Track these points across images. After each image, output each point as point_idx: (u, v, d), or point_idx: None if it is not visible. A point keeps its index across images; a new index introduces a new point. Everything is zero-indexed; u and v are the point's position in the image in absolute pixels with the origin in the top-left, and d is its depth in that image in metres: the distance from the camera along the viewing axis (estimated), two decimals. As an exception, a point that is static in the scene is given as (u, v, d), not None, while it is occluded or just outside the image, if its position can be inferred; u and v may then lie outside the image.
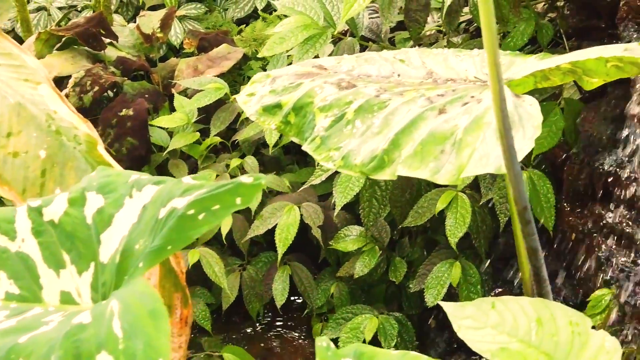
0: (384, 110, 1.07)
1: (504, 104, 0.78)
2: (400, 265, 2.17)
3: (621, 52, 1.05)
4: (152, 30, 2.79)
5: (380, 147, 1.03)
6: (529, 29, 1.95)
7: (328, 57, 1.29)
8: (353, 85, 1.14)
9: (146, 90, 2.67)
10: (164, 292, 1.22)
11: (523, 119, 0.96)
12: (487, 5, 0.71)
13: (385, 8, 1.78)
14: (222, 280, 2.21)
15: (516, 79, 1.07)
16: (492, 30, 0.72)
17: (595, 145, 1.85)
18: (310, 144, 1.11)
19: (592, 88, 1.14)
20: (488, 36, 0.72)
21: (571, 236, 1.98)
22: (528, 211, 0.82)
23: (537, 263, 0.85)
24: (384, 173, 1.02)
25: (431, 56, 1.18)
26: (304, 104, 1.15)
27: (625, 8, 1.76)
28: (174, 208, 0.78)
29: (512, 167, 0.80)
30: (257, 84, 1.26)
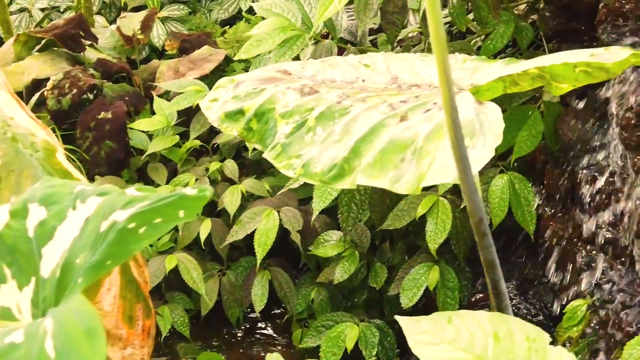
0: (346, 117, 1.04)
1: (455, 113, 0.75)
2: (381, 271, 2.14)
3: (587, 57, 1.02)
4: (132, 32, 2.76)
5: (340, 155, 1.00)
6: (509, 31, 1.92)
7: (293, 61, 1.26)
8: (316, 91, 1.11)
9: (126, 92, 2.64)
10: (125, 303, 1.19)
11: (484, 127, 0.93)
12: (435, 12, 0.68)
13: (361, 10, 1.75)
14: (200, 286, 2.18)
15: (480, 85, 1.04)
16: (441, 37, 0.69)
17: (575, 149, 1.83)
18: (271, 152, 1.08)
19: (561, 93, 1.11)
20: (437, 44, 0.69)
21: (552, 241, 1.96)
22: (484, 223, 0.79)
23: (495, 276, 0.82)
24: (344, 182, 0.99)
25: (396, 61, 1.16)
26: (265, 110, 1.12)
27: (604, 10, 1.74)
28: (115, 221, 0.75)
29: (466, 179, 0.77)
30: (221, 89, 1.23)
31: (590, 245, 1.82)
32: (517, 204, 1.93)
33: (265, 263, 2.30)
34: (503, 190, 1.93)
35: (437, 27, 0.68)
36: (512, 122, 1.89)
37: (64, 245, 0.80)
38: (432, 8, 0.67)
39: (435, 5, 0.67)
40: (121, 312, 1.20)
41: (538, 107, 1.89)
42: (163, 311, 2.21)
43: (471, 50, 1.99)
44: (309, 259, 2.28)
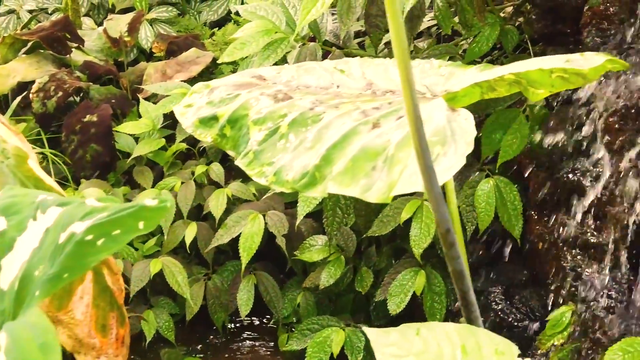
0: (318, 124, 1.02)
1: (419, 123, 0.73)
2: (367, 275, 2.13)
3: (562, 63, 1.01)
4: (119, 34, 2.74)
5: (311, 163, 0.98)
6: (494, 34, 1.91)
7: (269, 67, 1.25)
8: (289, 97, 1.09)
9: (113, 95, 2.62)
10: (98, 311, 1.17)
11: (456, 134, 0.92)
12: (396, 19, 0.66)
13: (344, 13, 1.74)
14: (185, 290, 2.16)
15: (456, 91, 1.03)
16: (402, 44, 0.67)
17: (560, 153, 1.81)
18: (243, 159, 1.06)
19: (538, 99, 1.10)
20: (399, 51, 0.68)
21: (538, 245, 1.95)
22: (451, 234, 0.78)
23: (464, 287, 0.80)
24: (315, 190, 0.98)
25: (372, 66, 1.14)
26: (239, 117, 1.11)
27: (588, 14, 1.73)
28: (73, 233, 0.74)
29: (431, 188, 0.76)
30: (196, 94, 1.22)
31: (575, 250, 1.80)
32: (503, 208, 1.92)
33: (251, 267, 2.29)
34: (489, 195, 1.91)
35: (399, 34, 0.67)
36: (497, 126, 1.88)
37: (24, 256, 0.78)
38: (392, 12, 0.65)
39: (395, 10, 0.66)
40: (94, 321, 1.18)
41: (523, 110, 1.88)
42: (148, 316, 2.20)
43: (457, 53, 1.98)
44: (295, 263, 2.27)
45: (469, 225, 1.96)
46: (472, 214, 1.96)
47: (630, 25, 1.66)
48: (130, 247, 2.35)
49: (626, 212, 1.64)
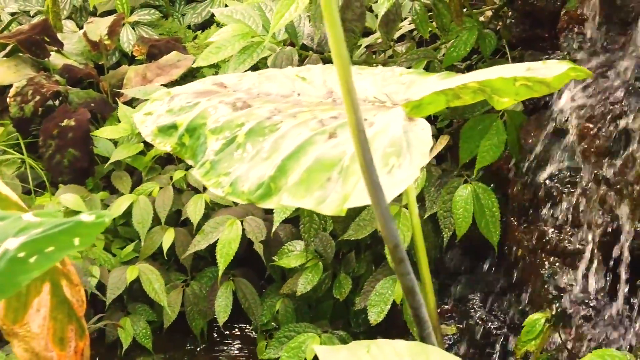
0: (275, 134, 1.00)
1: (363, 136, 0.71)
2: (345, 282, 2.11)
3: (523, 71, 0.98)
4: (99, 37, 2.71)
5: (267, 174, 0.96)
6: (472, 39, 1.89)
7: (231, 74, 1.22)
8: (248, 105, 1.07)
9: (92, 99, 2.59)
10: (56, 324, 1.15)
11: (412, 145, 0.89)
12: (335, 28, 0.64)
13: (317, 17, 1.71)
14: (162, 297, 2.13)
15: (415, 100, 1.00)
16: (343, 57, 0.65)
17: (537, 159, 1.79)
18: (200, 169, 1.04)
19: (503, 107, 1.08)
20: (339, 64, 0.65)
21: (517, 252, 1.93)
22: (400, 250, 0.75)
23: (415, 304, 0.78)
24: (270, 201, 0.95)
25: (334, 74, 1.12)
26: (197, 125, 1.08)
27: (565, 18, 1.71)
28: (6, 250, 0.71)
29: (378, 203, 0.73)
30: (157, 102, 1.19)
31: (553, 257, 1.78)
32: (481, 214, 1.89)
33: (230, 273, 2.26)
34: (467, 201, 1.89)
35: (338, 45, 0.64)
36: (474, 132, 1.86)
37: (-42, 273, 0.76)
38: (330, 21, 0.63)
39: (333, 16, 0.63)
40: (51, 334, 1.16)
41: (501, 116, 1.86)
42: (125, 323, 2.17)
43: (435, 58, 1.95)
44: (274, 269, 2.24)
45: (446, 231, 1.94)
46: (450, 220, 1.93)
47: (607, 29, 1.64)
48: (108, 253, 2.32)
49: (603, 219, 1.62)
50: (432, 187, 1.99)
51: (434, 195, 1.99)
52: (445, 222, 1.95)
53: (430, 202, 1.99)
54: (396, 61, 2.02)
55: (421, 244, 1.05)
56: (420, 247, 1.05)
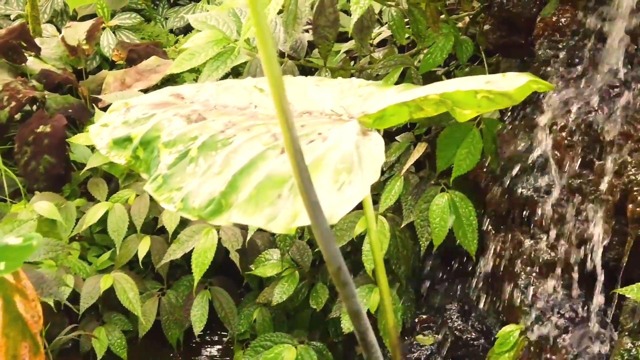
0: (228, 148, 0.97)
1: (299, 156, 0.68)
2: (322, 291, 2.08)
3: (482, 84, 0.96)
4: (77, 42, 2.68)
5: (217, 190, 0.93)
6: (448, 45, 1.86)
7: (190, 84, 1.19)
8: (203, 118, 1.04)
9: (70, 104, 2.56)
10: (8, 341, 1.11)
11: (363, 162, 0.87)
12: (267, 49, 0.61)
13: (290, 24, 1.68)
14: (136, 307, 2.10)
15: (372, 113, 0.97)
16: (276, 74, 0.62)
17: (513, 167, 1.76)
18: (152, 183, 1.00)
19: (465, 120, 1.05)
20: (272, 82, 0.62)
21: (495, 261, 1.90)
22: (343, 272, 0.72)
23: (361, 327, 0.75)
24: (221, 218, 0.92)
25: (292, 85, 1.09)
26: (151, 138, 1.05)
27: (541, 25, 1.68)
28: None
29: (318, 225, 0.70)
30: (115, 112, 1.16)
31: (530, 267, 1.76)
32: (458, 223, 1.87)
33: (207, 282, 2.23)
34: (444, 210, 1.86)
35: (270, 63, 0.61)
36: (451, 140, 1.83)
37: None
38: (261, 37, 0.60)
39: (265, 35, 0.60)
40: (3, 352, 1.12)
41: (478, 124, 1.83)
42: (99, 333, 2.14)
43: (411, 64, 1.92)
44: (251, 278, 2.21)
45: (423, 240, 1.91)
46: (427, 229, 1.91)
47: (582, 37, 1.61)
48: (84, 261, 2.29)
49: (578, 230, 1.59)
50: (409, 195, 1.97)
51: (411, 204, 1.96)
52: (422, 231, 1.92)
53: (407, 210, 1.96)
54: (373, 67, 1.99)
55: (380, 264, 1.02)
56: (379, 262, 1.02)
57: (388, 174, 2.10)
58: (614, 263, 1.57)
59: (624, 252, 1.50)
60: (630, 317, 1.52)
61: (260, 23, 0.60)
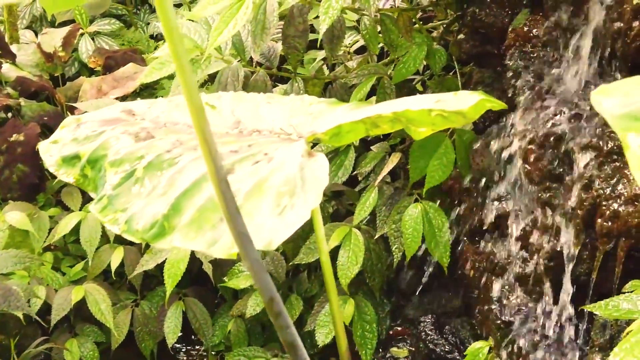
0: (173, 168, 0.94)
1: (224, 185, 0.66)
2: (297, 303, 2.05)
3: (432, 103, 0.93)
4: (54, 49, 2.65)
5: (161, 212, 0.90)
6: (421, 54, 1.84)
7: (142, 100, 1.17)
8: (152, 136, 1.02)
9: (46, 112, 2.53)
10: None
11: (306, 184, 0.84)
12: (185, 74, 0.59)
13: (258, 34, 1.66)
14: (108, 318, 2.07)
15: (319, 133, 0.95)
16: (196, 102, 0.60)
17: (486, 179, 1.74)
18: (97, 204, 0.98)
19: (421, 137, 1.03)
20: (192, 109, 0.60)
21: (470, 273, 1.88)
22: (276, 303, 0.70)
23: (298, 359, 0.73)
24: (164, 241, 0.90)
25: (243, 102, 1.06)
26: (98, 157, 1.03)
27: (512, 35, 1.66)
28: None
29: (247, 256, 0.68)
30: (66, 129, 1.14)
31: (502, 280, 1.73)
32: (431, 234, 1.85)
33: (181, 293, 2.20)
34: (417, 221, 1.84)
35: (190, 89, 0.59)
36: (423, 151, 1.81)
37: None
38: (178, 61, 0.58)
39: (181, 55, 0.58)
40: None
41: (450, 135, 1.81)
42: (71, 345, 2.11)
43: (385, 73, 1.90)
44: (225, 289, 2.19)
45: (396, 252, 1.89)
46: (400, 240, 1.88)
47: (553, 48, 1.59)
48: (58, 271, 2.26)
49: (548, 243, 1.57)
50: (383, 206, 1.95)
51: (385, 215, 1.94)
52: (396, 242, 1.90)
53: (381, 221, 1.94)
54: (347, 77, 1.97)
55: (332, 286, 0.99)
56: (332, 288, 0.99)
57: (363, 184, 2.08)
58: (585, 277, 1.55)
59: (594, 267, 1.48)
60: (601, 332, 1.50)
61: (178, 54, 0.58)
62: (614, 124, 0.50)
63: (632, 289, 1.39)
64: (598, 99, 0.52)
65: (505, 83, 1.69)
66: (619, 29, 1.39)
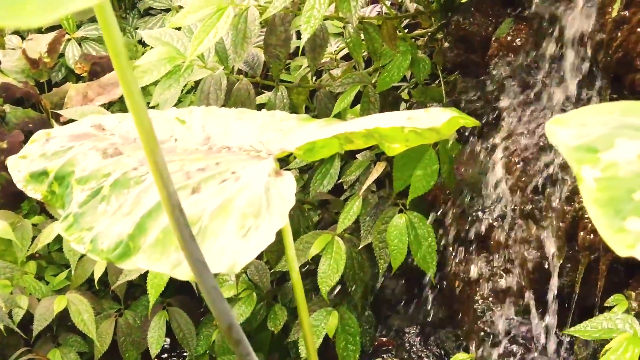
0: (139, 186, 0.93)
1: (177, 212, 0.64)
2: (281, 313, 2.03)
3: (403, 121, 0.91)
4: (39, 55, 2.63)
5: (125, 232, 0.88)
6: (405, 63, 1.82)
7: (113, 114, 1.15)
8: (120, 152, 1.00)
9: (31, 119, 2.51)
10: None
11: (272, 205, 0.82)
12: (133, 97, 0.57)
13: (238, 43, 1.64)
14: (91, 329, 2.05)
15: (289, 150, 0.93)
16: (146, 127, 0.58)
17: (470, 189, 1.73)
18: (63, 222, 0.96)
19: (395, 153, 1.01)
20: (143, 135, 0.58)
21: (455, 283, 1.86)
22: (235, 330, 0.68)
23: (259, 387, 0.71)
24: (129, 262, 0.88)
25: (214, 117, 1.04)
26: (66, 174, 1.01)
27: (495, 45, 1.64)
28: None
29: (204, 283, 0.66)
30: (35, 143, 1.12)
31: (486, 291, 1.72)
32: (417, 245, 1.82)
33: (166, 302, 2.18)
34: (402, 231, 1.82)
35: (139, 114, 0.57)
36: (407, 160, 1.79)
37: None
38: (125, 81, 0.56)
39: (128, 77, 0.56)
40: None
41: (435, 145, 1.79)
42: (53, 355, 2.09)
43: (369, 82, 1.88)
44: (209, 299, 2.16)
45: (381, 262, 1.87)
46: (385, 250, 1.87)
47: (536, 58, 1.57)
48: (42, 280, 2.24)
49: (532, 255, 1.55)
50: (367, 215, 1.93)
51: (369, 225, 1.92)
52: (381, 253, 1.88)
53: (365, 231, 1.92)
54: (331, 85, 1.95)
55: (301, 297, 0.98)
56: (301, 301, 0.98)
57: (349, 193, 2.06)
58: (568, 290, 1.53)
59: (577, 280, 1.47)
60: (584, 346, 1.48)
61: (126, 79, 0.56)
62: (568, 156, 0.48)
63: (614, 302, 1.38)
64: (553, 129, 0.50)
65: (488, 93, 1.67)
66: (600, 39, 1.38)
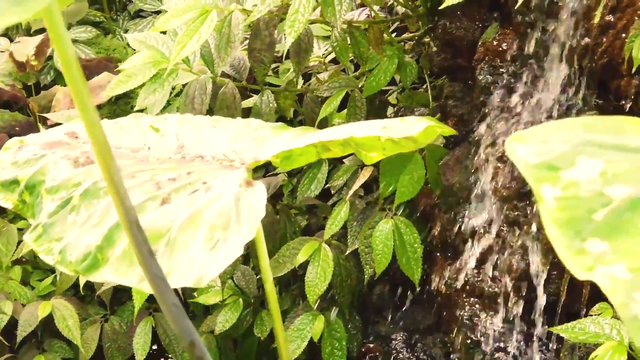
0: (109, 197, 0.91)
1: (134, 227, 0.62)
2: (267, 319, 2.02)
3: (378, 130, 0.90)
4: (26, 58, 2.61)
5: (94, 243, 0.87)
6: (392, 67, 1.80)
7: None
8: (91, 161, 0.98)
9: (18, 122, 2.49)
10: None
11: (242, 217, 0.81)
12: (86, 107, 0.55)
13: (222, 48, 1.62)
14: (76, 335, 2.03)
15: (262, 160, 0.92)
16: (100, 139, 0.56)
17: (457, 195, 1.71)
18: (32, 233, 0.94)
19: (372, 162, 1.00)
20: (96, 147, 0.56)
21: (442, 289, 1.84)
22: (197, 347, 0.66)
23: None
24: (97, 274, 0.86)
25: (188, 125, 1.03)
26: (36, 182, 0.99)
27: (482, 49, 1.63)
28: None
29: (164, 300, 0.64)
30: (9, 151, 1.10)
31: (473, 298, 1.70)
32: (402, 250, 1.81)
33: (152, 308, 2.17)
34: (387, 237, 1.80)
35: (92, 124, 0.55)
36: (393, 166, 1.78)
37: None
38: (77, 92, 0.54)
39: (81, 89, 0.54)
40: None
41: (421, 150, 1.77)
42: (38, 362, 2.07)
43: (356, 87, 1.87)
44: (196, 305, 2.15)
45: (367, 268, 1.85)
46: (371, 255, 1.85)
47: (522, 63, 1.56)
48: (27, 285, 2.22)
49: (517, 263, 1.54)
50: (354, 221, 1.91)
51: (356, 230, 1.90)
52: (367, 258, 1.86)
53: (352, 237, 1.90)
54: (318, 89, 1.93)
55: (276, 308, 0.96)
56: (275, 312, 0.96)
57: (336, 198, 2.05)
58: (554, 297, 1.51)
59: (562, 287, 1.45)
60: (570, 353, 1.47)
61: (78, 88, 0.54)
62: (528, 174, 0.47)
63: (599, 311, 1.36)
64: (512, 146, 0.48)
65: (475, 97, 1.65)
66: (586, 45, 1.36)
